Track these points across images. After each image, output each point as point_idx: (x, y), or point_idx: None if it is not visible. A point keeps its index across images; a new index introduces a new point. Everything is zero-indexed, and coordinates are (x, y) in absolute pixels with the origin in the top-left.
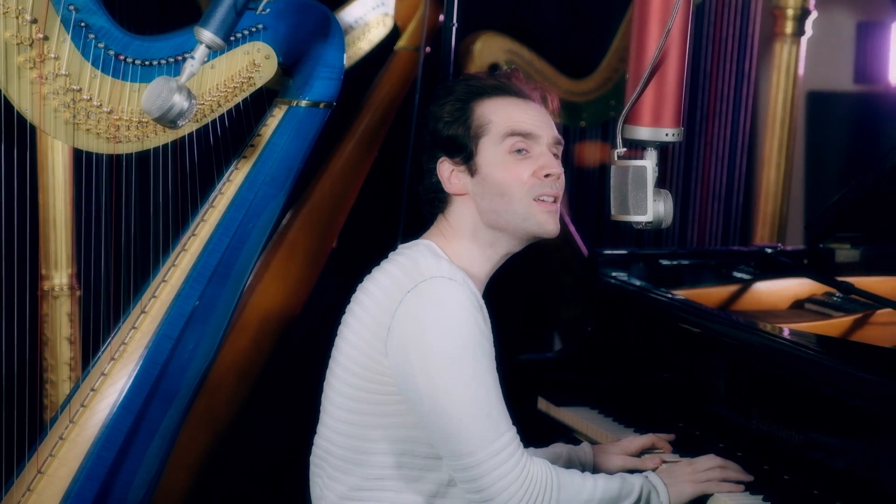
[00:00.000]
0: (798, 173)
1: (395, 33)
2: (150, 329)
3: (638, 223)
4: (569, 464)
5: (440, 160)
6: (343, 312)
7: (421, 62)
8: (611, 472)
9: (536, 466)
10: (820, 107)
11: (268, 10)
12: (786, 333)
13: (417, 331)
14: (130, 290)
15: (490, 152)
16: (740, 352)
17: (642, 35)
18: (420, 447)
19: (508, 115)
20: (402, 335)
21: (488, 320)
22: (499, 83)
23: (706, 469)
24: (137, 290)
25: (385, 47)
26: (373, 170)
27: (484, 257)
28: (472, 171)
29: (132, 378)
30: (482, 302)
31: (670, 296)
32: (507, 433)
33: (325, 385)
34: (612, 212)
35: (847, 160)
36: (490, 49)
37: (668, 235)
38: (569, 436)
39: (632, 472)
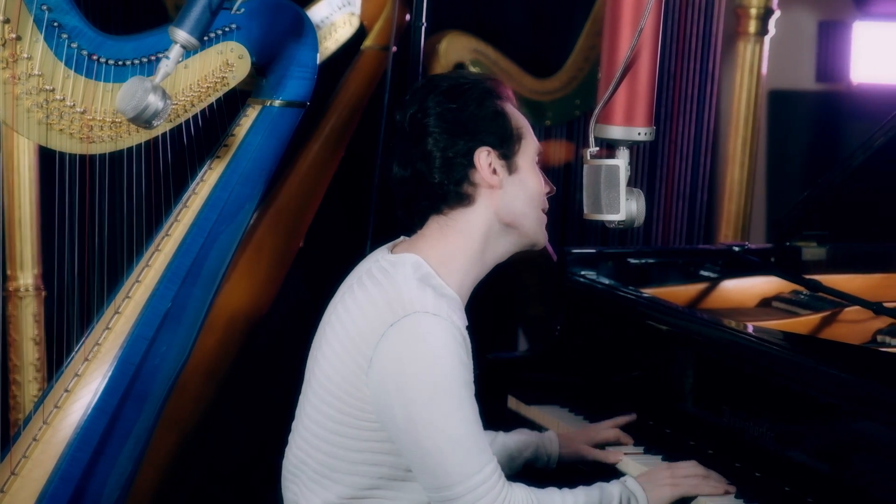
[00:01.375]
0: (760, 172)
1: (361, 33)
2: (125, 329)
3: (611, 222)
4: (535, 455)
5: (481, 149)
6: (311, 313)
7: (390, 61)
8: (574, 460)
9: (517, 495)
10: (782, 105)
11: (242, 10)
12: (750, 329)
13: (399, 366)
14: (104, 290)
15: (528, 155)
16: (708, 349)
17: (614, 34)
18: (399, 471)
19: (529, 127)
20: (383, 369)
21: (470, 349)
22: (508, 91)
23: (686, 475)
24: (110, 291)
25: (351, 47)
26: (339, 169)
27: (479, 265)
28: (510, 169)
29: (107, 379)
30: (465, 332)
31: (639, 294)
32: (487, 466)
33: (302, 395)
34: (585, 210)
35: (808, 158)
36: (455, 48)
37: (632, 234)
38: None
39: (600, 465)
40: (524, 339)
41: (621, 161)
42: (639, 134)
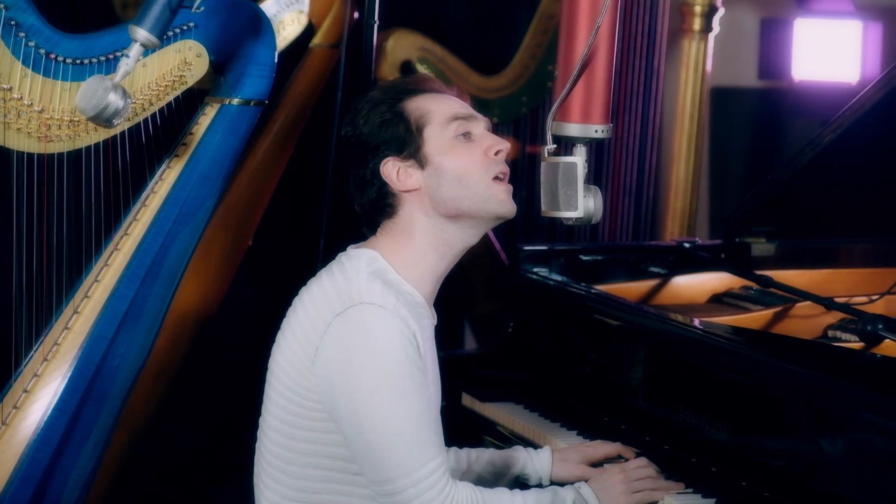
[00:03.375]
0: (703, 168)
1: (309, 30)
2: (84, 329)
3: (568, 219)
4: (525, 472)
5: (384, 162)
6: (257, 312)
7: (343, 59)
8: (567, 482)
9: (461, 493)
10: (725, 102)
11: (202, 9)
12: (700, 324)
13: (343, 356)
14: (62, 290)
15: (437, 140)
16: (660, 343)
17: (571, 32)
18: (350, 464)
19: (443, 103)
20: (328, 358)
21: (417, 345)
22: (418, 83)
23: (639, 479)
24: (69, 291)
25: (300, 45)
26: (288, 168)
27: (438, 258)
28: (422, 164)
29: (66, 379)
30: (418, 328)
31: (590, 290)
32: (431, 462)
33: (265, 392)
34: (543, 208)
35: (751, 155)
36: (402, 46)
37: (579, 231)
38: (493, 430)
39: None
40: (471, 337)
41: (579, 158)
42: (596, 131)
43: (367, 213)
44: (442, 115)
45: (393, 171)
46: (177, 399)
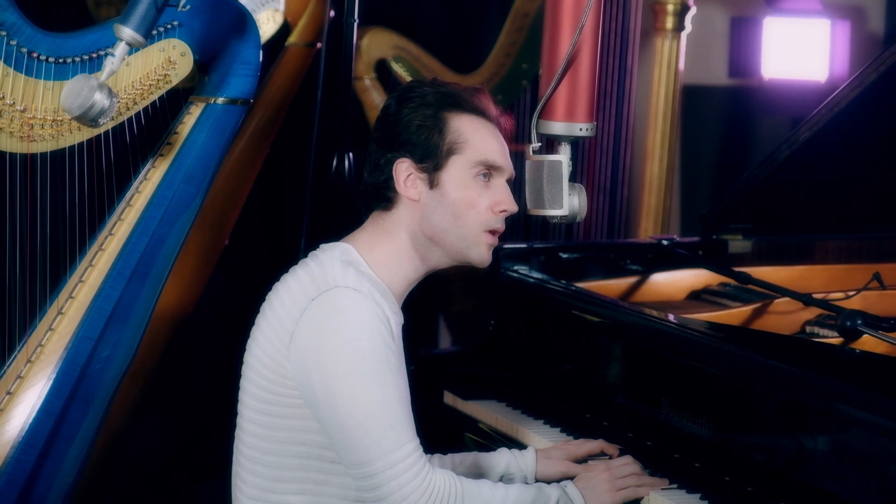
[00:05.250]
0: (675, 166)
1: (285, 29)
2: (69, 330)
3: (553, 217)
4: (510, 471)
5: (399, 160)
6: (237, 311)
7: (323, 58)
8: (550, 481)
9: (439, 477)
10: (695, 100)
11: (188, 7)
12: (676, 319)
13: (318, 339)
14: (46, 290)
15: (458, 172)
16: (639, 340)
17: (555, 31)
18: (326, 452)
19: (484, 140)
20: (304, 342)
21: (392, 329)
22: (474, 99)
23: (624, 476)
24: (53, 291)
25: (276, 43)
26: (264, 167)
27: (412, 267)
28: (431, 183)
29: (51, 381)
30: (391, 314)
31: (570, 287)
32: (408, 444)
33: (241, 387)
34: (528, 206)
35: (721, 152)
36: (377, 44)
37: (554, 228)
38: (475, 428)
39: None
40: (447, 335)
41: (563, 157)
42: (580, 130)
43: (367, 194)
44: (476, 152)
45: (403, 173)
46: (152, 400)
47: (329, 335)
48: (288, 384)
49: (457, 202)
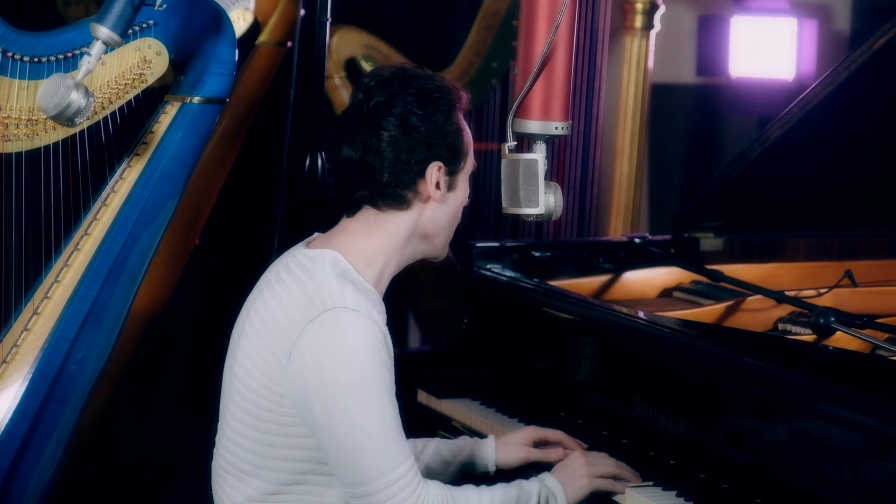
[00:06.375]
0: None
1: (255, 28)
2: (44, 331)
3: (529, 216)
4: (471, 459)
5: (434, 163)
6: (206, 311)
7: (296, 57)
8: (513, 466)
9: (431, 491)
10: (663, 99)
11: (164, 6)
12: (650, 317)
13: (318, 361)
14: (22, 290)
15: (466, 173)
16: (612, 337)
17: (531, 30)
18: (322, 465)
19: (470, 138)
20: (302, 364)
21: (391, 347)
22: (462, 97)
23: (603, 463)
24: (28, 291)
25: (246, 42)
26: (236, 167)
27: (396, 262)
28: (451, 185)
29: (27, 381)
30: (385, 329)
31: (542, 285)
32: (403, 464)
33: (224, 393)
34: (504, 205)
35: (689, 151)
36: (347, 43)
37: (524, 227)
38: (449, 426)
39: (535, 465)
40: (417, 334)
41: (539, 155)
42: (556, 128)
43: (377, 187)
44: (472, 152)
45: (436, 175)
46: (122, 400)
47: (329, 358)
48: (284, 402)
49: (460, 203)
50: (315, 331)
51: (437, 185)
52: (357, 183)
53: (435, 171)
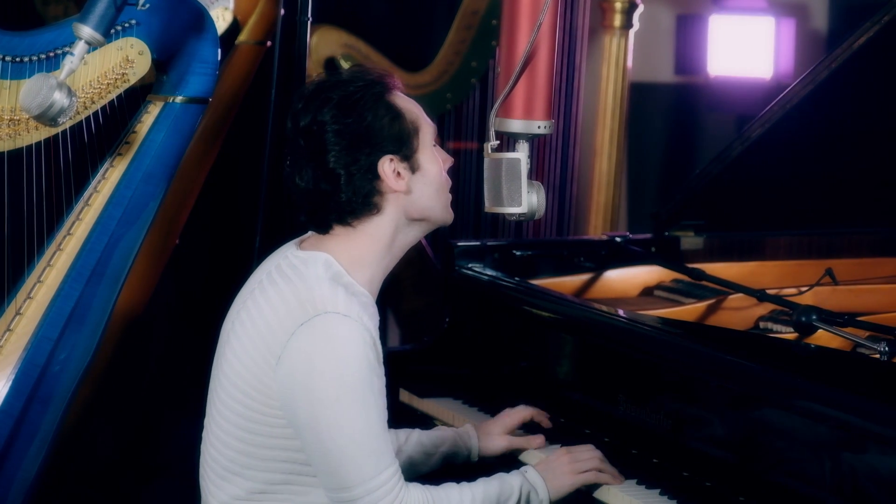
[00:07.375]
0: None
1: (235, 27)
2: (27, 331)
3: (512, 215)
4: (453, 449)
5: (383, 159)
6: (184, 311)
7: (277, 57)
8: (495, 454)
9: (413, 495)
10: (642, 98)
11: (147, 6)
12: (632, 316)
13: (307, 365)
14: (4, 291)
15: (426, 145)
16: (594, 336)
17: (513, 29)
18: (309, 466)
19: (420, 110)
20: (291, 367)
21: (381, 352)
22: (392, 78)
23: (586, 459)
24: (10, 292)
25: (225, 42)
26: (217, 167)
27: (391, 256)
28: (413, 168)
29: (10, 381)
30: (375, 335)
31: (523, 284)
32: (387, 470)
33: (211, 392)
34: (487, 204)
35: (667, 149)
36: (326, 43)
37: (504, 226)
38: (432, 426)
39: (517, 452)
40: (396, 333)
41: (522, 154)
42: (538, 127)
43: (346, 209)
44: (427, 124)
45: (391, 169)
46: (100, 401)
47: (318, 362)
48: (272, 404)
49: (436, 176)
50: (305, 335)
51: (399, 175)
52: (322, 209)
53: (388, 166)
